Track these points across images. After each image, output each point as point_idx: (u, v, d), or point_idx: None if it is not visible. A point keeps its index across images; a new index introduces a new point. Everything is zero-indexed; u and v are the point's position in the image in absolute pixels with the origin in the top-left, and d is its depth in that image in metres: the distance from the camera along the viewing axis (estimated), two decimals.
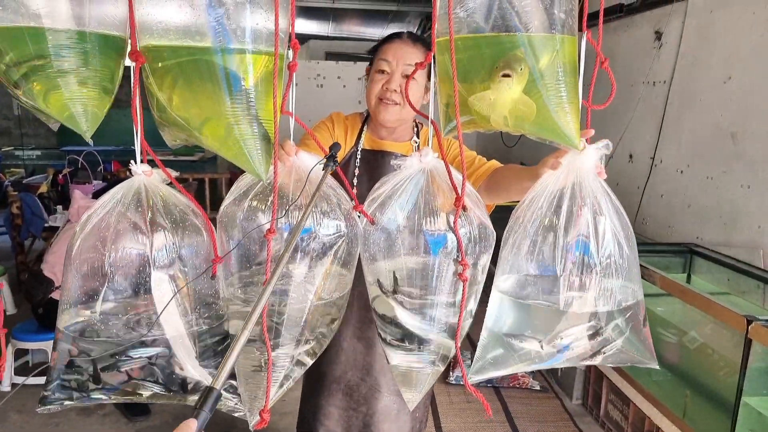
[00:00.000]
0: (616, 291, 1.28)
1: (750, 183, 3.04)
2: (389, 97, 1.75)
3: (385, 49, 1.77)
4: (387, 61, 1.75)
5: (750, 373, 2.32)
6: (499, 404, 3.66)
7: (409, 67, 1.73)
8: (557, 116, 1.17)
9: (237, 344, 0.84)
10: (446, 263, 1.23)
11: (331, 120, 1.93)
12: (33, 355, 3.96)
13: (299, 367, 1.26)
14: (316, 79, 7.36)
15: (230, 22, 1.04)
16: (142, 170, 1.14)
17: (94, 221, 1.09)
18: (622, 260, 1.26)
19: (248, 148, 1.08)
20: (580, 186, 1.26)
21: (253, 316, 0.88)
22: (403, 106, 1.76)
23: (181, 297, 1.13)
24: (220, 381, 0.80)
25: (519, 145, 6.05)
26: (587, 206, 1.24)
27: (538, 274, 1.27)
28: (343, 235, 1.22)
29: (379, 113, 1.79)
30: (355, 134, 1.91)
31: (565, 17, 1.17)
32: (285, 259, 0.99)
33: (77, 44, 0.98)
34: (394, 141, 1.89)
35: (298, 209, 1.17)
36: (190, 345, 1.15)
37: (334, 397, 2.02)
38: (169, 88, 1.09)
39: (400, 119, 1.82)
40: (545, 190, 1.26)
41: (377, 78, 1.77)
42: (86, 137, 1.03)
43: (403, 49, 1.75)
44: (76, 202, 3.79)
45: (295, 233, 1.06)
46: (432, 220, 1.21)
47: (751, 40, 3.07)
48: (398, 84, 1.74)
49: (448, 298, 1.26)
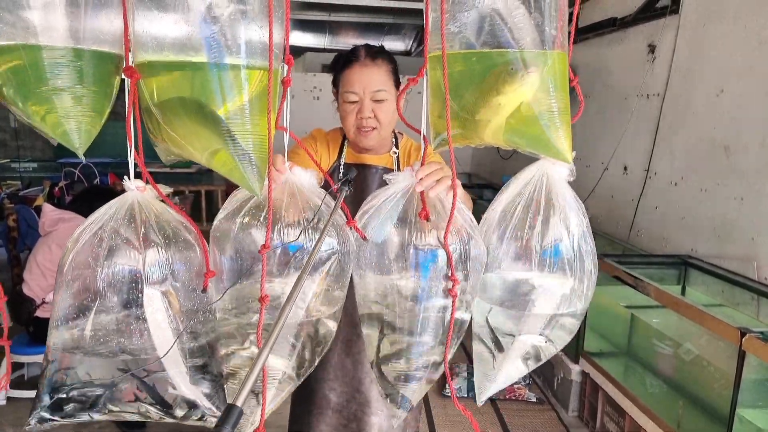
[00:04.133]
0: (574, 296, 1.29)
1: (743, 195, 3.05)
2: (365, 124, 1.77)
3: (348, 79, 1.76)
4: (353, 92, 1.75)
5: (744, 385, 2.33)
6: (495, 417, 3.65)
7: (378, 92, 1.74)
8: (549, 131, 1.18)
9: (258, 361, 0.82)
10: (436, 279, 1.23)
11: (312, 137, 1.96)
12: (29, 369, 3.94)
13: (290, 384, 1.26)
14: (312, 92, 7.38)
15: (225, 38, 1.05)
16: (135, 186, 1.15)
17: (86, 237, 1.09)
18: (581, 268, 1.27)
19: (243, 164, 1.08)
20: (550, 194, 1.27)
21: (273, 335, 0.86)
22: (381, 128, 1.78)
23: (173, 314, 1.13)
24: (241, 398, 0.78)
25: (514, 157, 6.07)
26: (557, 214, 1.26)
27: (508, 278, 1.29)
28: (335, 251, 1.22)
29: (360, 141, 1.82)
30: (336, 149, 1.93)
31: (555, 33, 1.18)
32: (303, 279, 0.99)
33: (72, 62, 0.98)
34: (374, 154, 1.92)
35: (294, 227, 1.19)
36: (182, 362, 1.15)
37: (323, 415, 2.01)
38: (163, 104, 1.09)
39: (381, 139, 1.84)
40: (516, 196, 1.28)
41: (349, 109, 1.78)
42: (79, 153, 1.04)
43: (365, 75, 1.75)
44: (46, 215, 3.54)
45: (313, 252, 1.07)
46: (422, 236, 1.22)
47: (743, 54, 3.10)
48: (370, 110, 1.75)
49: (437, 313, 1.26)
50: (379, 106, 1.75)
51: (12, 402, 3.68)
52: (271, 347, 0.85)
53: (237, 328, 1.23)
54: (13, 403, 3.66)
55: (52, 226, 3.52)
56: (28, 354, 3.63)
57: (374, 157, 1.91)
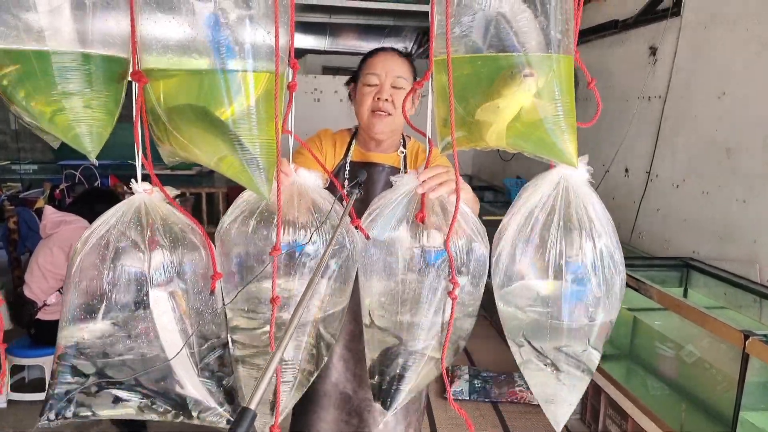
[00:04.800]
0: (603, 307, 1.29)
1: (745, 198, 3.06)
2: (382, 107, 1.78)
3: (372, 63, 1.81)
4: (376, 74, 1.78)
5: (748, 387, 2.32)
6: (497, 419, 3.65)
7: (399, 79, 1.78)
8: (554, 134, 1.18)
9: (272, 362, 0.82)
10: (438, 280, 1.24)
11: (318, 137, 1.97)
12: (29, 372, 3.93)
13: (301, 386, 1.26)
14: (314, 94, 7.39)
15: (232, 42, 1.05)
16: (143, 189, 1.15)
17: (94, 239, 1.09)
18: (612, 275, 1.27)
19: (250, 167, 1.08)
20: (577, 202, 1.27)
21: (285, 337, 0.86)
22: (395, 116, 1.80)
23: (180, 314, 1.13)
24: (255, 401, 0.77)
25: (515, 159, 6.07)
26: (579, 223, 1.26)
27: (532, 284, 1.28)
28: (341, 251, 1.23)
29: (373, 126, 1.82)
30: (343, 148, 1.94)
31: (561, 37, 1.18)
32: (315, 281, 1.00)
33: (82, 66, 0.99)
34: (382, 152, 1.92)
35: (299, 228, 1.19)
36: (190, 363, 1.15)
37: (326, 411, 2.02)
38: (171, 108, 1.09)
39: (393, 129, 1.85)
40: (536, 203, 1.28)
41: (367, 91, 1.80)
42: (91, 157, 1.04)
43: (390, 61, 1.80)
44: (47, 218, 3.54)
45: (323, 256, 1.07)
46: (424, 238, 1.23)
47: (744, 56, 3.10)
48: (389, 94, 1.78)
49: (436, 316, 1.27)
50: (397, 92, 1.78)
51: (12, 405, 3.68)
52: (284, 349, 0.85)
53: (246, 330, 1.24)
54: (13, 406, 3.67)
55: (53, 229, 3.52)
56: (29, 357, 3.62)
57: (382, 155, 1.92)
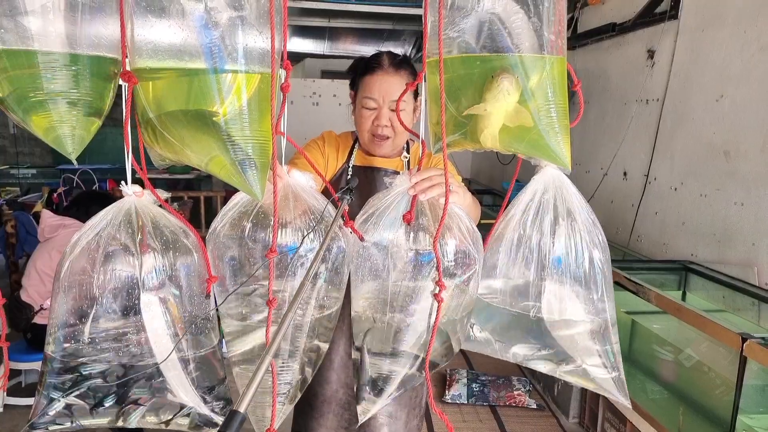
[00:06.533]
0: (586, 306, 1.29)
1: (743, 201, 3.05)
2: (380, 133, 1.78)
3: (369, 85, 1.77)
4: (373, 99, 1.77)
5: (746, 391, 2.31)
6: (495, 423, 3.64)
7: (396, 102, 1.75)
8: (547, 135, 1.18)
9: (261, 366, 0.81)
10: (425, 282, 1.24)
11: (322, 138, 1.96)
12: (26, 376, 3.92)
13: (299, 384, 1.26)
14: (312, 97, 7.38)
15: (223, 43, 1.04)
16: (132, 191, 1.14)
17: (83, 243, 1.08)
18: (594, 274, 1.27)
19: (243, 169, 1.07)
20: (562, 200, 1.27)
21: (275, 340, 0.86)
22: (395, 137, 1.80)
23: (171, 320, 1.12)
24: (244, 404, 0.76)
25: (514, 163, 6.06)
26: (566, 220, 1.26)
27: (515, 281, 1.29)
28: (334, 252, 1.23)
29: (373, 149, 1.84)
30: (346, 151, 1.93)
31: (554, 38, 1.18)
32: (306, 286, 0.99)
33: (67, 66, 0.98)
34: (385, 157, 1.91)
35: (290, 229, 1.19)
36: (181, 369, 1.14)
37: (325, 417, 2.00)
38: (161, 109, 1.08)
39: (394, 147, 1.86)
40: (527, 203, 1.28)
41: (366, 114, 1.79)
42: (71, 158, 1.03)
43: (387, 82, 1.76)
44: (45, 222, 3.52)
45: (316, 257, 1.07)
46: (418, 239, 1.22)
47: (742, 59, 3.10)
48: (387, 119, 1.77)
49: (424, 316, 1.26)
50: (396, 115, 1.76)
51: (9, 409, 3.66)
52: (273, 352, 0.84)
53: (238, 332, 1.23)
54: (9, 411, 3.65)
55: (51, 233, 3.51)
56: (26, 361, 3.61)
57: (384, 160, 1.91)
